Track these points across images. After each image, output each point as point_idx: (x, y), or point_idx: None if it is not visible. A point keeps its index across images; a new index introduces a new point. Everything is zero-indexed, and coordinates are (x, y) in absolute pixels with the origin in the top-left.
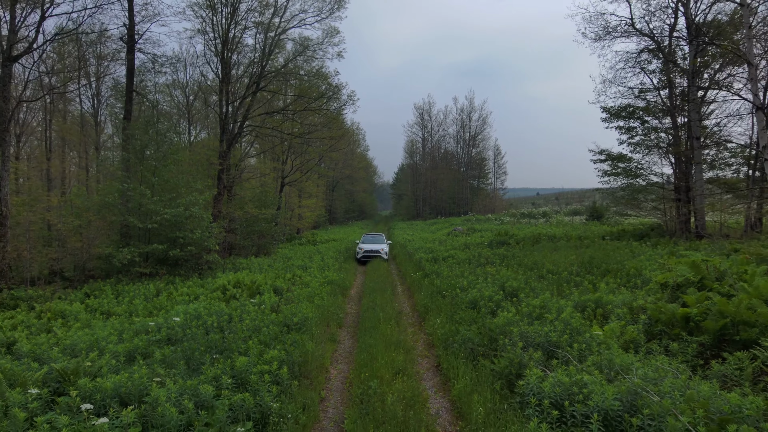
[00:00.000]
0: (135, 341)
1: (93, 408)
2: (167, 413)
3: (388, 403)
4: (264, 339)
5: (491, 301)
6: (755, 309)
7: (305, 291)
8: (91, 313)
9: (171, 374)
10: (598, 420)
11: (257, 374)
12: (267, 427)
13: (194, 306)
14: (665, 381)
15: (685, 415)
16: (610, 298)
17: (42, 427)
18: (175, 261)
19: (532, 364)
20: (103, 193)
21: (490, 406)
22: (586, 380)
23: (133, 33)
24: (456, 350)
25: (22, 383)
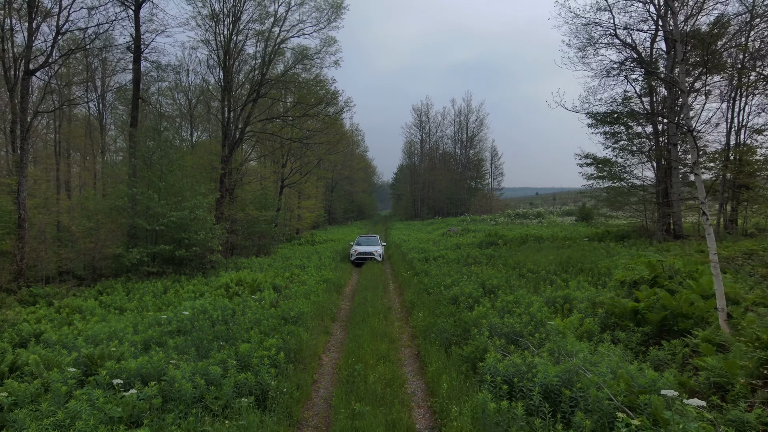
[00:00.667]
0: (149, 332)
1: (122, 383)
2: (183, 388)
3: (369, 382)
4: (264, 329)
5: (470, 297)
6: (694, 303)
7: (302, 288)
8: (105, 309)
9: (183, 358)
10: (539, 393)
11: (258, 358)
12: (266, 401)
13: (200, 302)
14: (602, 363)
15: (611, 389)
16: (577, 294)
17: (80, 398)
18: (180, 261)
19: (492, 349)
20: (113, 196)
21: (454, 384)
22: (536, 362)
23: (139, 44)
24: (433, 339)
25: (56, 365)
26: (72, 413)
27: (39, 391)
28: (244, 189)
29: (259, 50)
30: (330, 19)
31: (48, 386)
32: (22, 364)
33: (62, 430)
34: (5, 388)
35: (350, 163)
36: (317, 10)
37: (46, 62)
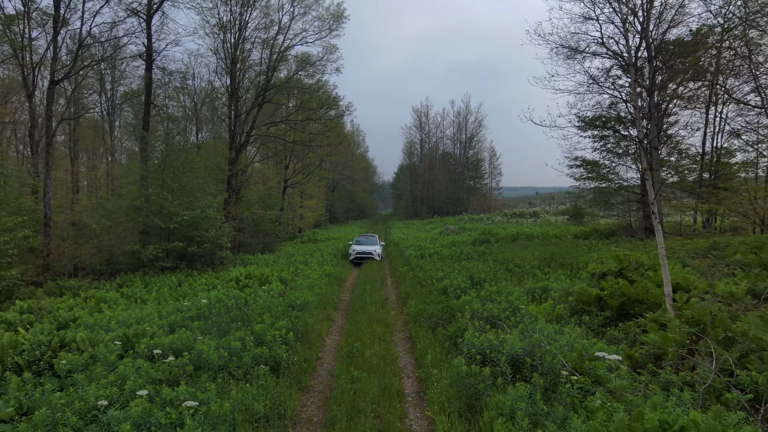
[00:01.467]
0: (172, 318)
1: (160, 353)
2: (210, 358)
3: (366, 356)
4: (275, 314)
5: (459, 288)
6: (649, 291)
7: (306, 281)
8: (127, 299)
9: (207, 337)
10: (505, 361)
11: (271, 336)
12: (279, 370)
13: (214, 293)
14: (562, 339)
15: (566, 358)
16: (554, 285)
17: (127, 365)
18: (192, 256)
19: (471, 328)
20: (129, 197)
21: (438, 357)
22: (507, 338)
23: (150, 53)
24: (422, 323)
25: (98, 342)
26: (121, 376)
27: (88, 362)
28: (250, 189)
29: (264, 57)
30: (331, 28)
31: (96, 358)
32: (70, 341)
33: (115, 388)
34: (61, 359)
35: (351, 164)
36: (319, 20)
37: (69, 73)
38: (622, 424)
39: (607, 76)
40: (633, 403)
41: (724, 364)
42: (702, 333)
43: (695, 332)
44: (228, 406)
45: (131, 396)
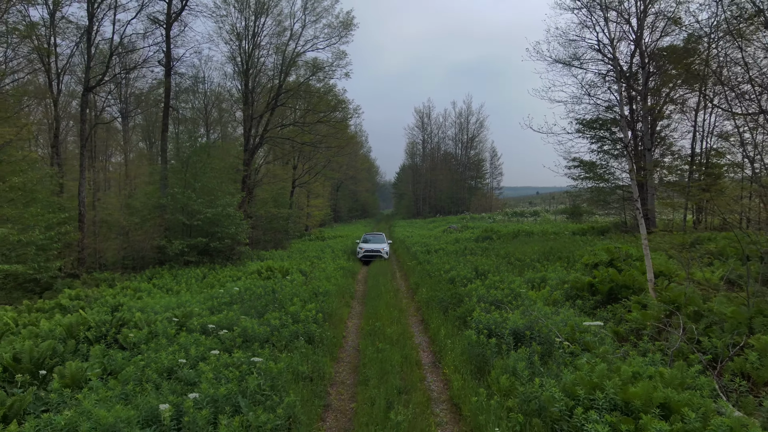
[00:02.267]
0: (209, 303)
1: (214, 327)
2: (256, 332)
3: (387, 333)
4: (302, 299)
5: (465, 278)
6: (635, 278)
7: (323, 273)
8: (159, 290)
9: (247, 317)
10: (509, 333)
11: (304, 315)
12: (313, 343)
13: (241, 283)
14: (558, 317)
15: (560, 331)
16: (552, 275)
17: (187, 338)
18: (213, 251)
19: (479, 309)
20: (155, 195)
21: (449, 332)
22: (509, 317)
23: (170, 59)
24: (434, 307)
25: (153, 321)
26: (183, 345)
27: (149, 336)
28: (263, 189)
29: (277, 63)
30: (341, 35)
31: (154, 333)
32: (128, 320)
33: (183, 353)
34: (127, 333)
35: (355, 164)
36: (329, 27)
37: (101, 80)
38: (601, 373)
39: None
40: (614, 362)
41: (691, 334)
42: (677, 310)
43: (671, 309)
44: (282, 365)
45: (196, 360)
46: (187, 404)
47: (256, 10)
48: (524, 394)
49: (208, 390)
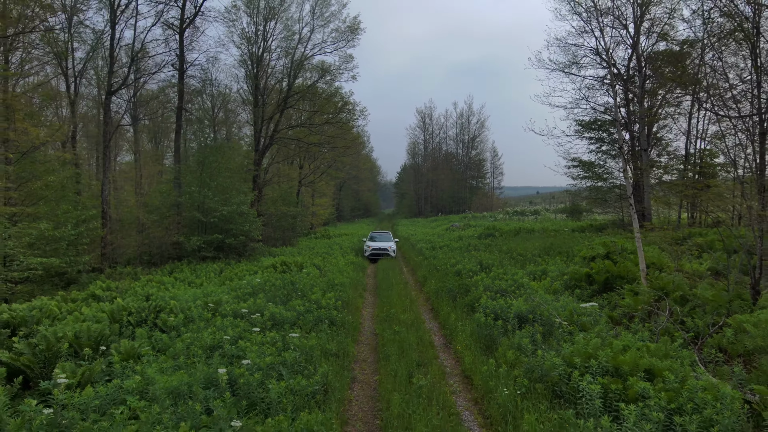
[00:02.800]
0: (233, 293)
1: (246, 312)
2: (284, 316)
3: (401, 319)
4: (322, 288)
5: (471, 271)
6: (629, 269)
7: (336, 267)
8: (181, 283)
9: (272, 304)
10: (513, 317)
11: (326, 302)
12: (335, 326)
13: (259, 276)
14: (558, 303)
15: (560, 314)
16: (552, 268)
17: (223, 320)
18: (228, 247)
19: (485, 296)
20: (172, 194)
21: (458, 317)
22: (513, 303)
23: (183, 63)
24: (443, 296)
25: (187, 309)
26: (220, 327)
27: (185, 321)
28: (272, 188)
29: (286, 66)
30: (348, 39)
31: (190, 318)
32: (164, 307)
33: (222, 333)
34: (167, 318)
35: (357, 164)
36: (336, 32)
37: (122, 84)
38: (596, 346)
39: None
40: (607, 339)
41: (677, 316)
42: (665, 296)
43: (660, 295)
44: (313, 342)
45: (235, 339)
46: (240, 371)
47: (265, 16)
48: (528, 364)
49: (256, 359)
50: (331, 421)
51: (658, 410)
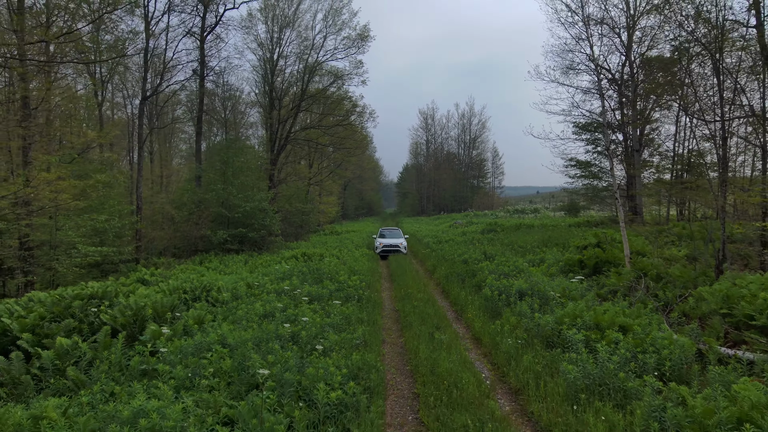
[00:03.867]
0: (266, 278)
1: (288, 290)
2: (319, 293)
3: (417, 297)
4: (346, 273)
5: (476, 259)
6: (616, 255)
7: (352, 257)
8: (212, 271)
9: (306, 285)
10: (515, 293)
11: (352, 283)
12: (362, 302)
13: (285, 265)
14: (554, 282)
15: (555, 291)
16: (548, 257)
17: (267, 297)
18: (251, 240)
19: (490, 278)
20: (198, 191)
21: (467, 294)
22: (514, 283)
23: (203, 69)
24: (452, 280)
25: (233, 288)
26: (267, 300)
27: (233, 297)
28: (286, 186)
29: (300, 71)
30: (358, 46)
31: (237, 295)
32: (212, 287)
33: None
34: (215, 295)
35: (362, 164)
36: (348, 39)
37: (155, 91)
38: (582, 309)
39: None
40: (592, 306)
41: (652, 290)
42: (644, 275)
43: (639, 274)
44: (351, 309)
45: (284, 308)
46: (297, 328)
47: (281, 24)
48: (527, 324)
49: (310, 319)
50: (376, 358)
51: (626, 350)
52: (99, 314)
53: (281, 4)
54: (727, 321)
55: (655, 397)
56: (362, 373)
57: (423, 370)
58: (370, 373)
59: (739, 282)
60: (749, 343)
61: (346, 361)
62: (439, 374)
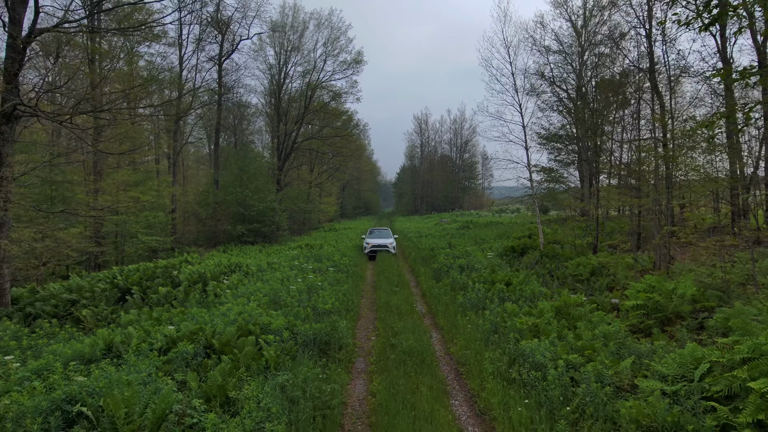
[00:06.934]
0: (280, 259)
1: (297, 265)
2: (319, 267)
3: (390, 272)
4: (340, 256)
5: (440, 248)
6: (538, 243)
7: (346, 247)
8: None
9: (310, 262)
10: (456, 266)
11: (343, 263)
12: (349, 273)
13: (294, 251)
14: (485, 260)
15: (485, 269)
16: (495, 245)
17: (283, 269)
18: (263, 234)
19: (442, 257)
20: (220, 194)
21: (425, 270)
22: (458, 261)
23: (221, 88)
24: (418, 261)
25: (256, 265)
26: (284, 271)
27: (258, 271)
28: (291, 188)
29: (303, 89)
30: (353, 68)
31: (262, 269)
32: (242, 264)
33: (288, 273)
34: (246, 269)
35: (359, 166)
36: (344, 63)
37: (187, 111)
38: (488, 274)
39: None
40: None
41: (550, 266)
42: (545, 255)
43: (545, 254)
44: (341, 276)
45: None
46: (304, 284)
47: (288, 48)
48: (453, 283)
49: (314, 278)
50: (355, 299)
51: (499, 291)
52: (178, 275)
53: (288, 32)
54: (574, 277)
55: (497, 309)
56: (346, 299)
57: (381, 305)
58: (349, 301)
59: (584, 259)
60: (576, 289)
61: (336, 295)
62: (391, 306)
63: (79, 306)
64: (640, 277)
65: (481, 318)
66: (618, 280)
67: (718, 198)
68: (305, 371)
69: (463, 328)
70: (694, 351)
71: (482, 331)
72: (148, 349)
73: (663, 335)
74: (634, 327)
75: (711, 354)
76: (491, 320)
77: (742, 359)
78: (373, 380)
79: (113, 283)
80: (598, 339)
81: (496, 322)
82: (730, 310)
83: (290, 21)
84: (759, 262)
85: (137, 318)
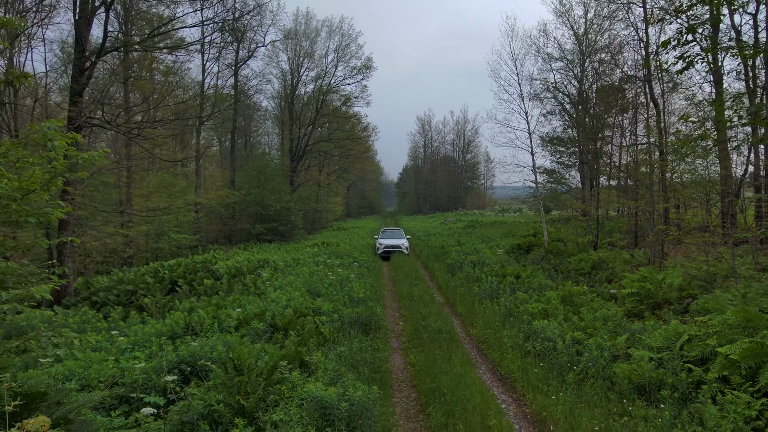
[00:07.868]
0: (303, 255)
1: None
2: (342, 262)
3: (406, 268)
4: (359, 252)
5: (450, 245)
6: (543, 240)
7: (360, 245)
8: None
9: (333, 257)
10: (468, 263)
11: (361, 258)
12: (370, 268)
13: (311, 249)
14: (495, 258)
15: (495, 265)
16: (502, 243)
17: (309, 264)
18: (279, 233)
19: (454, 253)
20: (238, 194)
21: (439, 265)
22: (469, 257)
23: (237, 94)
24: (431, 258)
25: (281, 261)
26: (313, 271)
27: (284, 266)
28: (305, 188)
29: (314, 93)
30: (363, 73)
31: (288, 264)
32: (268, 260)
33: (314, 267)
34: (273, 264)
35: (364, 167)
36: (354, 69)
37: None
38: (499, 267)
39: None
40: (506, 267)
41: (554, 261)
42: (550, 252)
43: (550, 251)
44: (364, 270)
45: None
46: (335, 277)
47: (301, 54)
48: (467, 276)
49: (342, 272)
50: (380, 290)
51: (510, 283)
52: (218, 269)
53: (301, 39)
54: (576, 271)
55: (509, 297)
56: (374, 290)
57: (404, 295)
58: (377, 291)
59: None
60: (578, 282)
61: (365, 286)
62: (413, 296)
63: (138, 295)
64: (636, 271)
65: (497, 305)
66: (616, 273)
67: (709, 200)
68: (357, 344)
69: (481, 313)
70: (676, 327)
71: (499, 315)
72: (226, 327)
73: (653, 317)
74: (629, 311)
75: (690, 329)
76: (506, 306)
77: (714, 332)
78: (408, 354)
79: (157, 276)
80: (599, 320)
81: (510, 308)
82: (710, 296)
83: (303, 28)
84: (743, 257)
85: (195, 305)
